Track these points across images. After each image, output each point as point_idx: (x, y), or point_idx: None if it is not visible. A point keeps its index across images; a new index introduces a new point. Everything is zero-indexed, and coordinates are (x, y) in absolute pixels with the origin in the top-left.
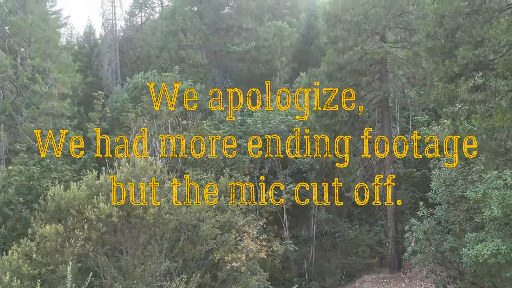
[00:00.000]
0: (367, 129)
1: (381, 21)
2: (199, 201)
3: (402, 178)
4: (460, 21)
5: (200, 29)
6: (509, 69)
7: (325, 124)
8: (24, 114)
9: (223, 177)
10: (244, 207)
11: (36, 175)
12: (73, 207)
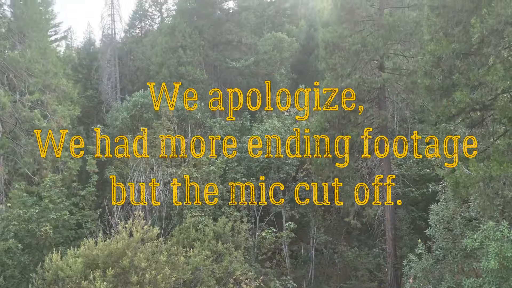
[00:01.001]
0: (367, 129)
1: (379, 50)
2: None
3: (401, 197)
4: (457, 63)
5: (199, 45)
6: (506, 116)
7: (323, 149)
8: (23, 141)
9: (220, 219)
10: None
11: (35, 217)
12: (70, 277)
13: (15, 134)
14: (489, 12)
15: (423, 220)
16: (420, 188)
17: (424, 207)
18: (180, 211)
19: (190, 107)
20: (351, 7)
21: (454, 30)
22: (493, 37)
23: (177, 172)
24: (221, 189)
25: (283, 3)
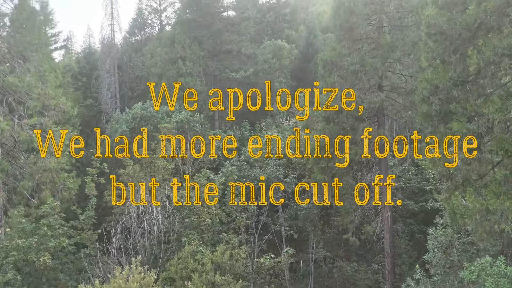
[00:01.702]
0: (367, 129)
1: (377, 71)
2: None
3: (401, 210)
4: (454, 93)
5: (199, 56)
6: (502, 148)
7: (321, 167)
8: (22, 161)
9: (219, 247)
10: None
11: (34, 246)
12: None
13: (14, 154)
14: (486, 43)
15: (422, 233)
16: (419, 200)
17: (423, 218)
18: (179, 236)
19: (190, 107)
20: (350, 27)
21: (451, 58)
22: (490, 69)
23: (176, 196)
24: (219, 213)
25: (282, 9)
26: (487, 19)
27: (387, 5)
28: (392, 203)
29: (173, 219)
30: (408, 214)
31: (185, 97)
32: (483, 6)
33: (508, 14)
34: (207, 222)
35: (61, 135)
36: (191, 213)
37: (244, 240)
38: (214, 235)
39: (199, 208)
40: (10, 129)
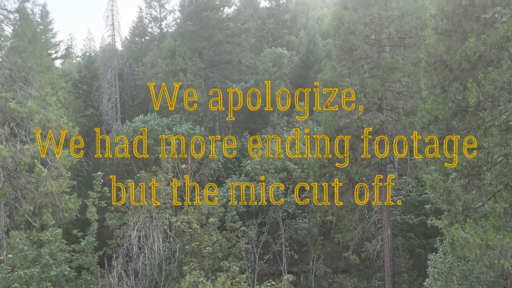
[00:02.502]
0: (367, 129)
1: (377, 92)
2: None
3: (400, 224)
4: (454, 124)
5: (200, 68)
6: (501, 182)
7: (322, 185)
8: (23, 181)
9: (219, 278)
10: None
11: (36, 276)
12: None
13: (16, 174)
14: (485, 77)
15: (422, 248)
16: (419, 214)
17: (423, 232)
18: (179, 263)
19: (190, 107)
20: (349, 47)
21: (451, 87)
22: (489, 102)
23: (177, 222)
24: (220, 240)
25: (283, 15)
26: (487, 52)
27: (386, 26)
28: (392, 203)
29: (174, 245)
30: (408, 228)
31: (185, 97)
32: (483, 39)
33: (508, 48)
34: (207, 250)
35: (62, 157)
36: (191, 239)
37: (245, 266)
38: (215, 262)
39: (200, 232)
40: (12, 155)
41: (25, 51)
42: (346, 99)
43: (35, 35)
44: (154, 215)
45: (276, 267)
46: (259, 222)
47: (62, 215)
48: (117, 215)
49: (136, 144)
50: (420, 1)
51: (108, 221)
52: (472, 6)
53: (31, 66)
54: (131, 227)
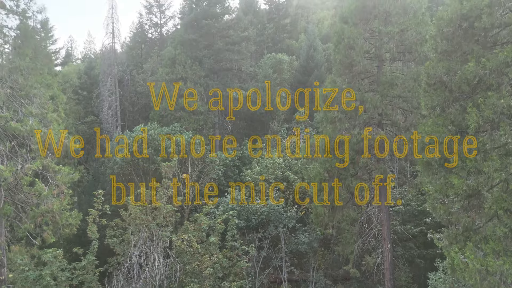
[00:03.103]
0: (367, 129)
1: (377, 108)
2: None
3: (400, 233)
4: (454, 146)
5: (200, 76)
6: (501, 207)
7: (322, 199)
8: (22, 196)
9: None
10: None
11: None
12: None
13: (16, 189)
14: (485, 102)
15: (422, 258)
16: (419, 224)
17: (423, 241)
18: (180, 283)
19: (190, 107)
20: (350, 62)
21: (450, 108)
22: (489, 127)
23: (177, 241)
24: (220, 259)
25: (283, 19)
26: (486, 77)
27: (386, 42)
28: (392, 203)
29: (175, 265)
30: (408, 237)
31: (185, 97)
32: (482, 63)
33: (507, 74)
34: (208, 271)
35: (62, 175)
36: (192, 258)
37: (245, 285)
38: (215, 282)
39: (200, 251)
40: (14, 173)
41: (26, 69)
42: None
43: (36, 52)
44: (155, 233)
45: (276, 275)
46: (259, 238)
47: (63, 231)
48: (118, 232)
49: (136, 147)
50: (419, 16)
51: (109, 239)
52: (472, 28)
53: (32, 84)
54: (132, 245)
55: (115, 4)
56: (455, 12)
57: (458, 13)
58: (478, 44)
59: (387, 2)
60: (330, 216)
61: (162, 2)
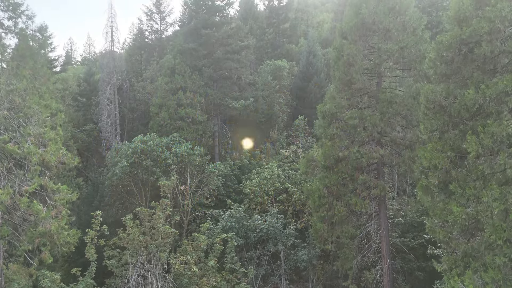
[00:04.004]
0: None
1: (376, 127)
2: None
3: (399, 245)
4: (453, 174)
5: (199, 86)
6: (501, 237)
7: (321, 215)
8: (20, 213)
9: None
10: None
11: None
12: None
13: (14, 208)
14: (485, 130)
15: (421, 270)
16: (418, 236)
17: (423, 252)
18: None
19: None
20: (349, 80)
21: (449, 133)
22: (488, 155)
23: (176, 265)
24: (219, 283)
25: (282, 23)
26: (486, 105)
27: (385, 59)
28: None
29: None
30: (407, 249)
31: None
32: (482, 90)
33: (507, 103)
34: None
35: (60, 194)
36: (190, 282)
37: None
38: None
39: (199, 274)
40: (11, 195)
41: (24, 90)
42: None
43: (35, 71)
44: (153, 254)
45: (275, 284)
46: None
47: (61, 249)
48: (116, 252)
49: (135, 159)
50: (419, 33)
51: (107, 260)
52: (471, 53)
53: (29, 105)
54: (130, 267)
55: (115, 13)
56: (454, 37)
57: (457, 38)
58: (478, 69)
59: (386, 19)
60: (329, 232)
61: (163, 9)
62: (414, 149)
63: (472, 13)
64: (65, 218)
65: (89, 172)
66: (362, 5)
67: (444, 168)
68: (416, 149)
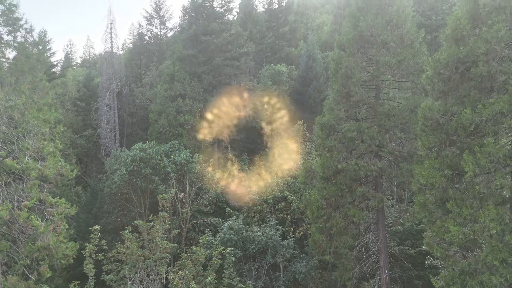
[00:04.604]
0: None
1: (374, 140)
2: None
3: (398, 255)
4: (450, 193)
5: (198, 92)
6: (497, 258)
7: (319, 227)
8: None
9: None
10: None
11: None
12: None
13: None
14: (482, 150)
15: (420, 279)
16: (416, 244)
17: (421, 260)
18: None
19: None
20: (347, 92)
21: (447, 151)
22: (485, 176)
23: (174, 280)
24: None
25: (282, 27)
26: (483, 124)
27: (383, 72)
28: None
29: None
30: (406, 257)
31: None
32: (479, 110)
33: (503, 124)
34: None
35: (59, 209)
36: None
37: None
38: None
39: None
40: (10, 210)
41: (23, 105)
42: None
43: (34, 85)
44: (151, 269)
45: None
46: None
47: (60, 262)
48: (114, 265)
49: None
50: (416, 46)
51: (105, 275)
52: (468, 72)
53: (28, 120)
54: (129, 282)
55: (114, 19)
56: (451, 56)
57: (454, 57)
58: (474, 88)
59: (384, 32)
60: (327, 243)
61: (163, 14)
62: (412, 162)
63: (469, 32)
64: (63, 232)
65: (88, 178)
66: (360, 17)
67: (441, 186)
68: (414, 162)
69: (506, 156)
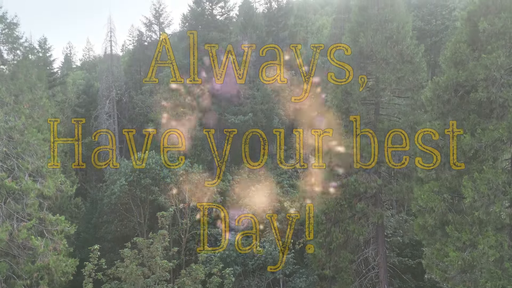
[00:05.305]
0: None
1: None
2: None
3: (398, 267)
4: (449, 217)
5: (198, 101)
6: (496, 286)
7: (319, 242)
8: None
9: None
10: None
11: None
12: None
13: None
14: (481, 177)
15: None
16: (415, 255)
17: (421, 271)
18: None
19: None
20: (347, 108)
21: (446, 174)
22: (485, 201)
23: None
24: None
25: (281, 32)
26: (482, 150)
27: (383, 89)
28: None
29: None
30: (406, 267)
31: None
32: (478, 135)
33: (503, 151)
34: None
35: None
36: None
37: None
38: None
39: None
40: (10, 231)
41: (22, 125)
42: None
43: (33, 103)
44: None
45: None
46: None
47: (59, 279)
48: (114, 284)
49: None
50: (416, 62)
51: None
52: (467, 95)
53: (28, 140)
54: None
55: (114, 28)
56: (451, 79)
57: (454, 81)
58: (474, 112)
59: (384, 49)
60: (327, 257)
61: (162, 20)
62: (411, 178)
63: (468, 56)
64: (63, 251)
65: (88, 186)
66: (360, 33)
67: (440, 210)
68: (414, 179)
69: (505, 183)
